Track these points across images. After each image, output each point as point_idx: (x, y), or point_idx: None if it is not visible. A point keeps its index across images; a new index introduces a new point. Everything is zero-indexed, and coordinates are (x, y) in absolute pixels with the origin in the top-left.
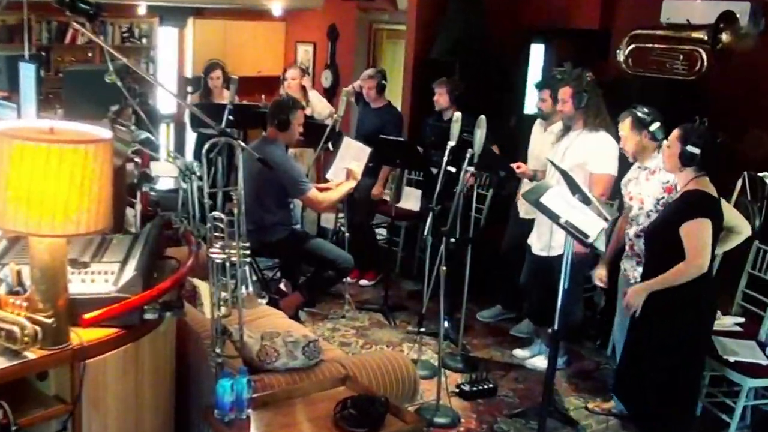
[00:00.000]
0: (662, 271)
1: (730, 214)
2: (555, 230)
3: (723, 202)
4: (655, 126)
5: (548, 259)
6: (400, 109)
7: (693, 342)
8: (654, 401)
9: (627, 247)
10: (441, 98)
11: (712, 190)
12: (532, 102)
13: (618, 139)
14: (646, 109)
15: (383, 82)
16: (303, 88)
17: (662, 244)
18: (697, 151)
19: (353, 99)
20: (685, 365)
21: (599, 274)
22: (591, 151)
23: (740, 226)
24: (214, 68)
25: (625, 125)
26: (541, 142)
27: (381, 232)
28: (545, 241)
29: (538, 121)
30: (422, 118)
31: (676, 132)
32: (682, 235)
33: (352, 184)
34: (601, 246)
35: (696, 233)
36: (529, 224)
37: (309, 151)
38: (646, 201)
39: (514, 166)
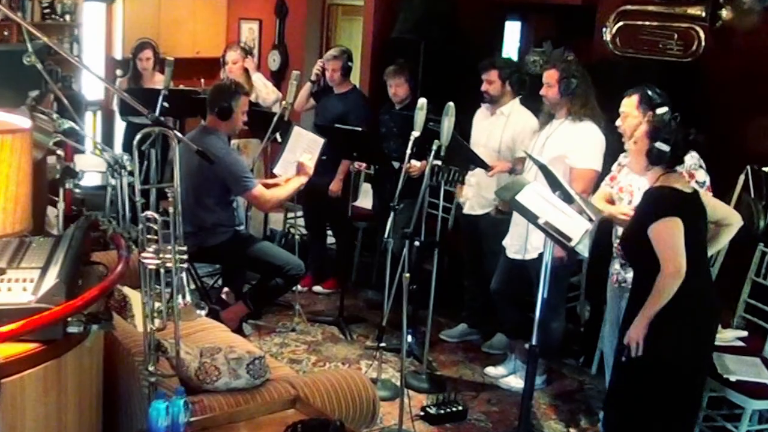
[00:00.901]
0: (648, 283)
1: (714, 206)
2: (532, 229)
3: (702, 193)
4: (662, 110)
5: (524, 263)
6: None
7: (691, 359)
8: (647, 426)
9: (615, 248)
10: (400, 89)
11: (684, 185)
12: None
13: (607, 132)
14: (658, 90)
15: (349, 63)
16: (246, 72)
17: (638, 252)
18: (666, 148)
19: (312, 89)
20: (682, 386)
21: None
22: (573, 143)
23: (728, 218)
24: (144, 48)
25: (631, 101)
26: (488, 128)
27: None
28: (521, 242)
29: (483, 107)
30: (382, 106)
31: (644, 127)
32: (651, 238)
33: (303, 179)
34: (584, 251)
35: (664, 234)
36: (480, 221)
37: (254, 141)
38: (636, 195)
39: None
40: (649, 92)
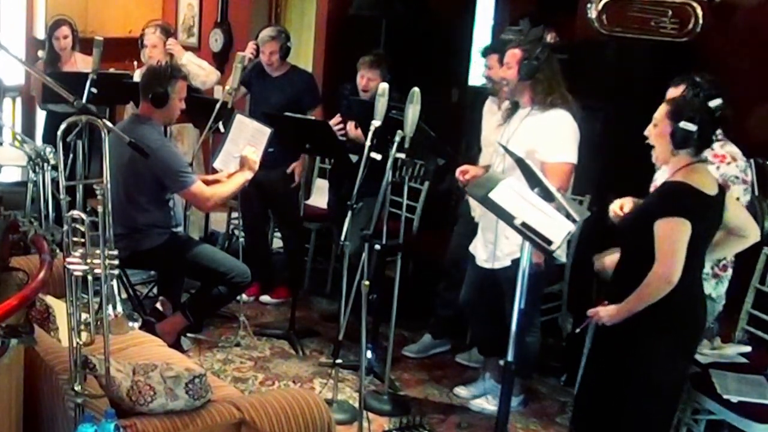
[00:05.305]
0: (635, 272)
1: (735, 211)
2: (500, 236)
3: (729, 196)
4: (716, 102)
5: (494, 272)
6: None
7: (667, 371)
8: None
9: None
10: (372, 84)
11: (707, 184)
12: (478, 70)
13: (584, 121)
14: (709, 77)
15: (288, 43)
16: (171, 57)
17: (634, 239)
18: (693, 127)
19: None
20: (654, 401)
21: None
22: (542, 134)
23: (745, 229)
24: (60, 26)
25: (677, 92)
26: (496, 126)
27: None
28: (492, 249)
29: (489, 100)
30: (338, 90)
31: (664, 107)
32: (655, 233)
33: (249, 174)
34: (561, 255)
35: (668, 234)
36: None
37: (189, 127)
38: None
39: (458, 172)
40: (698, 79)
